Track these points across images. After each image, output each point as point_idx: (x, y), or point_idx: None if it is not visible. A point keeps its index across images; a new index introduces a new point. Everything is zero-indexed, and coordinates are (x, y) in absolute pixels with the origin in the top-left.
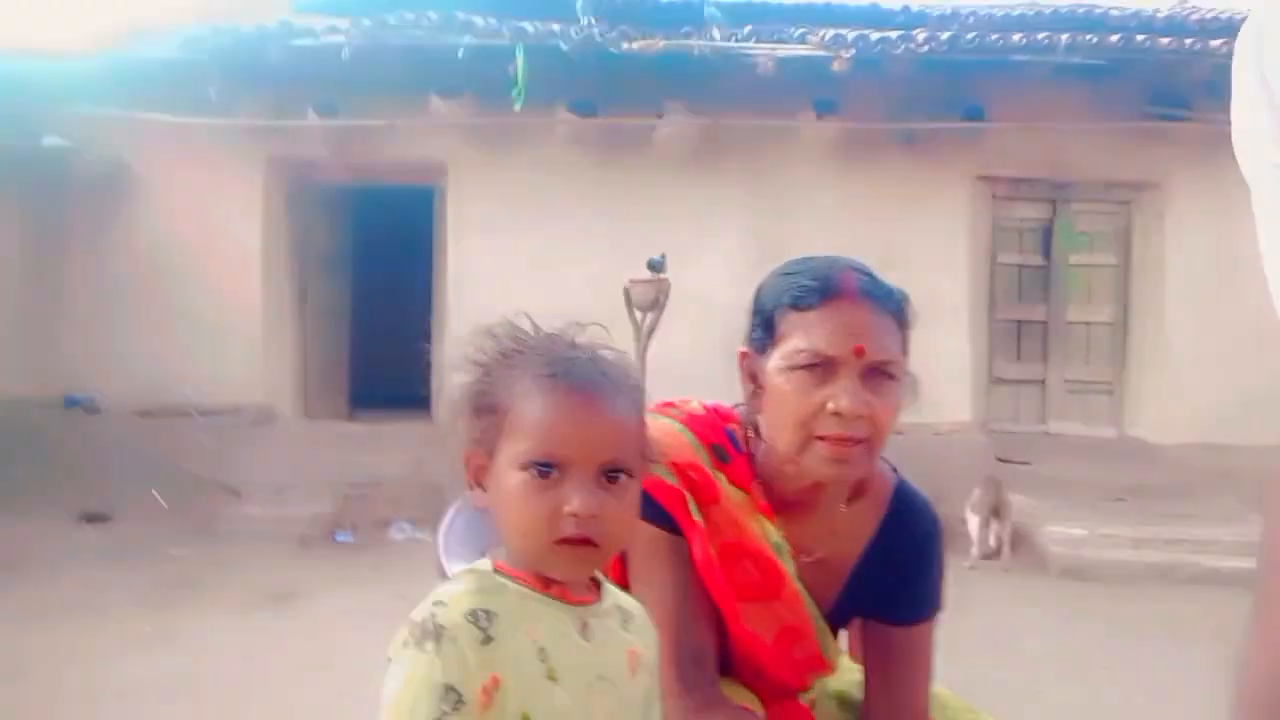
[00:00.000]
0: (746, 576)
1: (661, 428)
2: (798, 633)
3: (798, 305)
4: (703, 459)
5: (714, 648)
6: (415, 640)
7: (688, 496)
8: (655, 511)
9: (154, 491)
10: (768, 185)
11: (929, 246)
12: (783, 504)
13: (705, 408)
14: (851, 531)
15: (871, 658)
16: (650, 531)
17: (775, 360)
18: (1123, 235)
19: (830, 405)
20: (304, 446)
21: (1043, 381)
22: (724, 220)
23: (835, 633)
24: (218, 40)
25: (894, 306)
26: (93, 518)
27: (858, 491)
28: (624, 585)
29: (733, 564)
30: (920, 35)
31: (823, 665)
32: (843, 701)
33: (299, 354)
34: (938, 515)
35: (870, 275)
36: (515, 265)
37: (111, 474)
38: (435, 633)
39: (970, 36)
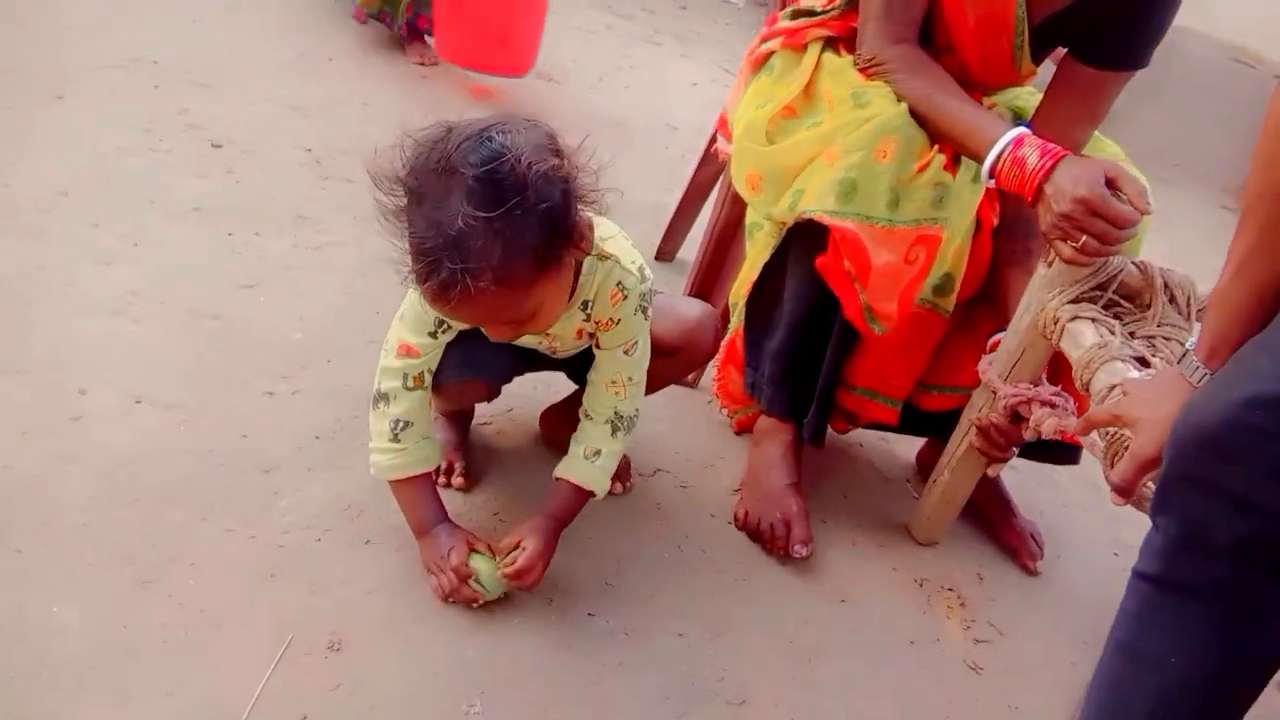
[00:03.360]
0: None
1: None
2: (999, 25)
3: None
4: None
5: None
6: None
7: None
8: None
9: None
10: None
11: None
12: None
13: None
14: None
15: (1053, 88)
16: None
17: None
18: None
19: None
20: None
21: None
22: None
23: (1034, 51)
24: None
25: None
26: None
27: None
28: None
29: None
30: None
31: (1010, 72)
32: (1017, 117)
33: None
34: None
35: None
36: None
37: None
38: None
39: None
